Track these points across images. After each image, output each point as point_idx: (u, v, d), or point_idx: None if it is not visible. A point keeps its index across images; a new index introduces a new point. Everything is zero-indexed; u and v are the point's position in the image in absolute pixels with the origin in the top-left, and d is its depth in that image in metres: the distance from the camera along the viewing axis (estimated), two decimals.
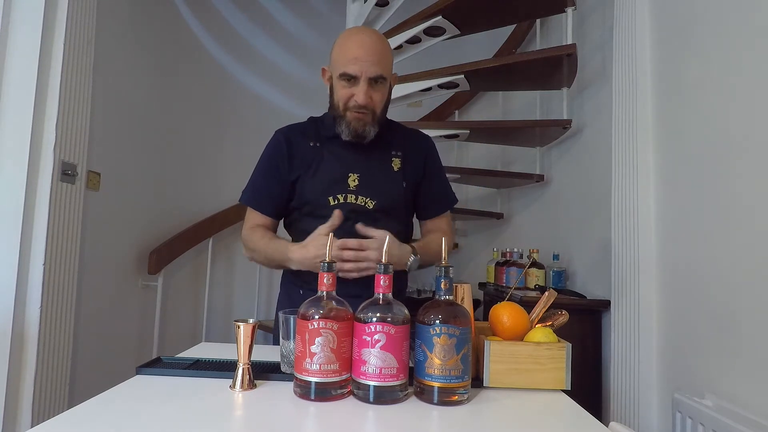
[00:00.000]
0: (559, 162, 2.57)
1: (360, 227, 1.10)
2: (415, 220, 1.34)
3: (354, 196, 1.18)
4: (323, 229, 1.08)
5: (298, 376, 0.78)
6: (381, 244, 1.03)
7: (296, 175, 1.20)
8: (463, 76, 2.21)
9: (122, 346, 2.37)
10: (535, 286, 2.23)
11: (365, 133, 1.16)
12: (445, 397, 0.78)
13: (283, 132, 1.26)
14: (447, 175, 1.38)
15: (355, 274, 1.07)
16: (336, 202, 1.17)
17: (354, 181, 1.18)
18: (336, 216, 1.08)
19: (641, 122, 1.62)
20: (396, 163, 1.23)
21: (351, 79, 1.12)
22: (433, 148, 1.32)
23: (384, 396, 0.77)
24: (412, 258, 1.14)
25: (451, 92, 2.49)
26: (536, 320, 0.96)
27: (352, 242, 1.07)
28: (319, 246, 1.07)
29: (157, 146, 2.66)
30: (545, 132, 2.45)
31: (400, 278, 1.27)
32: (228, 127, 3.15)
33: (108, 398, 0.76)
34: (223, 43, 3.18)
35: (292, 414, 0.74)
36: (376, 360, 0.76)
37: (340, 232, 1.10)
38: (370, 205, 1.18)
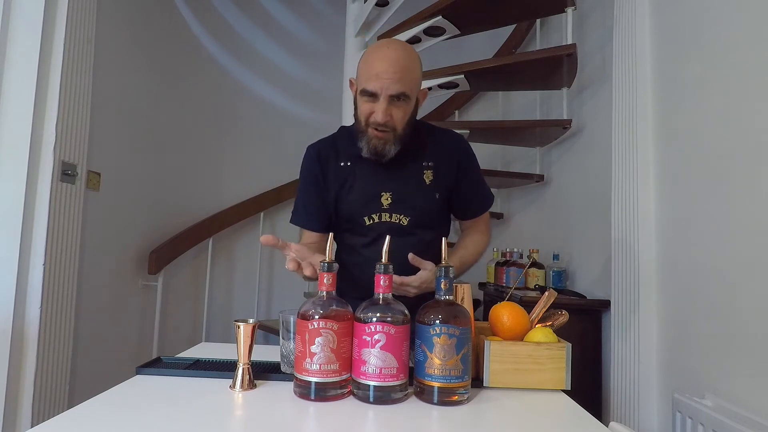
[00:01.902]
0: (559, 162, 2.57)
1: (411, 258, 1.08)
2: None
3: (388, 215, 1.18)
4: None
5: (298, 376, 0.78)
6: (422, 280, 1.06)
7: (333, 194, 1.21)
8: (463, 76, 2.21)
9: (122, 346, 2.37)
10: (535, 286, 2.23)
11: (384, 152, 1.14)
12: (445, 397, 0.78)
13: (315, 148, 1.25)
14: None
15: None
16: (371, 221, 1.18)
17: (387, 199, 1.18)
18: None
19: (641, 122, 1.62)
20: (428, 176, 1.21)
21: (371, 95, 1.10)
22: (466, 148, 1.28)
23: (384, 396, 0.77)
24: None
25: (451, 92, 2.49)
26: (536, 320, 0.96)
27: (396, 279, 1.04)
28: None
29: (157, 146, 2.66)
30: (545, 132, 2.45)
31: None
32: (228, 127, 3.15)
33: (108, 398, 0.76)
34: (223, 42, 3.18)
35: (292, 414, 0.74)
36: (376, 360, 0.76)
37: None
38: (405, 221, 1.18)
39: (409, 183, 1.20)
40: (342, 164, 1.21)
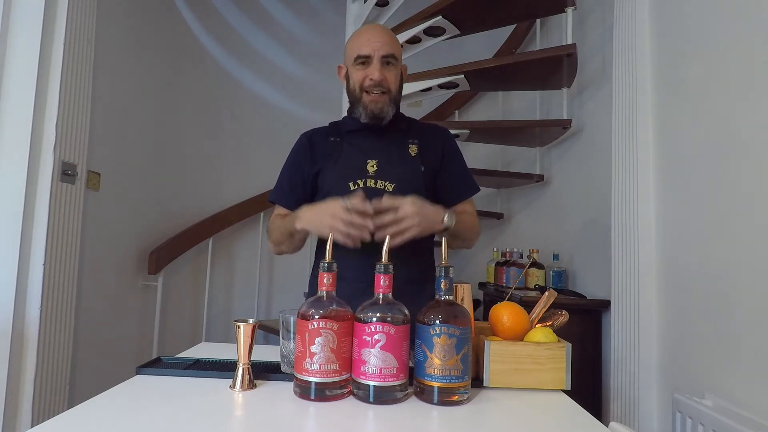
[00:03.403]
0: (559, 162, 2.57)
1: (383, 201, 1.03)
2: None
3: (373, 181, 1.21)
4: (337, 200, 1.05)
5: (298, 376, 0.78)
6: (412, 201, 1.04)
7: (318, 168, 1.26)
8: (463, 76, 2.21)
9: (122, 346, 2.37)
10: (535, 286, 2.23)
11: (383, 114, 1.21)
12: (445, 397, 0.78)
13: (306, 134, 1.33)
14: None
15: (399, 240, 1.01)
16: (356, 186, 1.21)
17: (372, 166, 1.21)
18: (358, 195, 1.04)
19: (641, 122, 1.62)
20: (413, 149, 1.27)
21: (365, 60, 1.19)
22: (451, 138, 1.35)
23: (384, 396, 0.77)
24: (446, 215, 1.10)
25: (451, 92, 2.49)
26: (536, 320, 0.96)
27: (385, 203, 1.02)
28: (332, 210, 1.03)
29: (157, 146, 2.66)
30: (545, 132, 2.45)
31: (427, 254, 1.27)
32: (228, 127, 3.15)
33: (108, 398, 0.76)
34: (223, 43, 3.18)
35: (292, 414, 0.74)
36: (376, 360, 0.76)
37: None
38: (389, 188, 1.21)
39: (394, 153, 1.25)
40: (331, 139, 1.28)
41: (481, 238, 3.39)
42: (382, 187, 1.21)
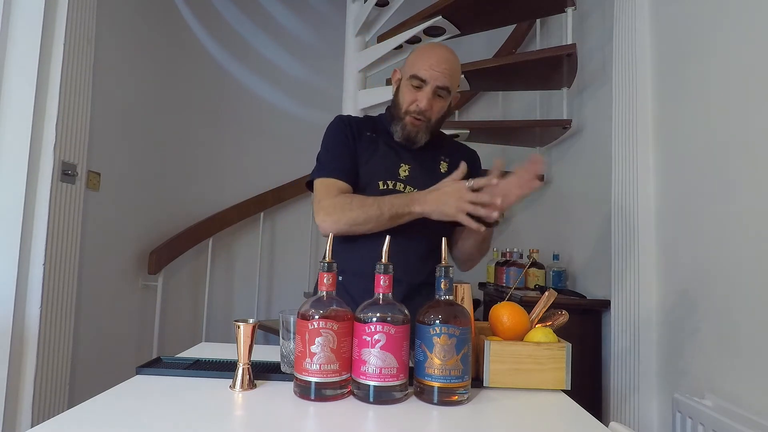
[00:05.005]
0: (559, 162, 2.57)
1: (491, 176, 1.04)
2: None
3: (403, 185, 1.21)
4: (458, 181, 1.06)
5: (298, 376, 0.78)
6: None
7: (356, 158, 1.23)
8: (463, 76, 2.20)
9: (122, 346, 2.37)
10: (535, 286, 2.23)
11: (416, 139, 1.21)
12: (445, 397, 0.78)
13: (345, 117, 1.30)
14: None
15: (495, 214, 1.04)
16: (385, 187, 1.20)
17: (405, 171, 1.21)
18: (496, 166, 1.04)
19: (641, 122, 1.62)
20: (443, 166, 1.27)
21: (419, 82, 1.18)
22: (479, 163, 1.35)
23: (384, 396, 0.77)
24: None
25: None
26: (536, 320, 0.96)
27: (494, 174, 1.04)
28: (457, 192, 1.04)
29: (157, 146, 2.66)
30: (545, 132, 2.45)
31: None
32: (228, 127, 3.15)
33: (108, 398, 0.76)
34: (223, 42, 3.18)
35: (292, 414, 0.74)
36: (376, 360, 0.76)
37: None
38: None
39: (427, 165, 1.25)
40: (368, 134, 1.27)
41: None
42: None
